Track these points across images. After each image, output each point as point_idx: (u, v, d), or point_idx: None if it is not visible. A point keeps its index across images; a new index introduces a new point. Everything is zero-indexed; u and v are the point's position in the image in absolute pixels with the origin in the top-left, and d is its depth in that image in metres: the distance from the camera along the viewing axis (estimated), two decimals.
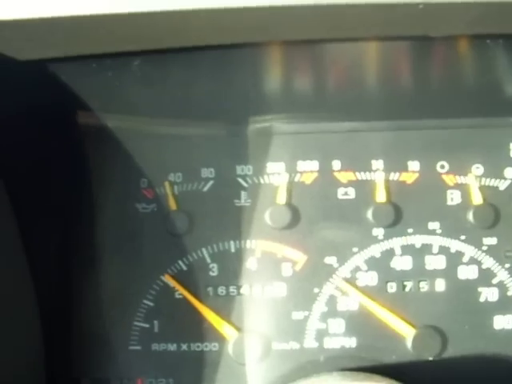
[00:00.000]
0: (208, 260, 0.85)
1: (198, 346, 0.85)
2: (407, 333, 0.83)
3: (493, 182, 0.86)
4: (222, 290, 0.85)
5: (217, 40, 0.62)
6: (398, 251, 0.85)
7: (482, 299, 0.85)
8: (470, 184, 0.86)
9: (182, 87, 0.76)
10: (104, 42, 0.60)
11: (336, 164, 0.86)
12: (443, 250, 0.85)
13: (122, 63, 0.67)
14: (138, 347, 0.85)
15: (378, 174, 0.86)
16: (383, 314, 0.83)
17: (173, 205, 0.85)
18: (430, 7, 0.54)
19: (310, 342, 0.85)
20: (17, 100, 0.69)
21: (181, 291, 0.84)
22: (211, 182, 0.86)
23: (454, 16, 0.58)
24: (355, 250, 0.85)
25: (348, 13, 0.56)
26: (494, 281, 0.85)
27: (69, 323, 0.84)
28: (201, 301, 0.84)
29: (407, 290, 0.85)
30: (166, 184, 0.85)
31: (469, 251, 0.85)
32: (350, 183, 0.86)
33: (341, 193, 0.86)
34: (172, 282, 0.84)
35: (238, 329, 0.84)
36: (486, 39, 0.67)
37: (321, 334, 0.84)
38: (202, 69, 0.72)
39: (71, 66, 0.66)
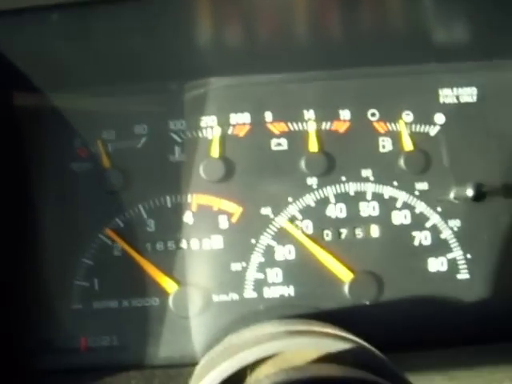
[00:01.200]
0: (145, 216, 0.86)
1: (139, 302, 0.86)
2: (345, 277, 0.85)
3: (423, 128, 0.88)
4: (160, 245, 0.86)
5: None
6: (332, 199, 0.87)
7: (415, 243, 0.87)
8: (400, 131, 0.88)
9: (109, 42, 0.76)
10: None
11: (268, 115, 0.88)
12: (376, 196, 0.87)
13: (44, 18, 0.67)
14: (80, 306, 0.86)
15: (309, 123, 0.88)
16: (320, 261, 0.86)
17: (107, 163, 0.86)
18: None
19: (249, 293, 0.86)
20: None
21: (122, 246, 0.85)
22: (145, 139, 0.87)
23: None
24: (290, 199, 0.87)
25: None
26: (427, 224, 0.87)
27: (10, 285, 0.85)
28: (141, 256, 0.86)
29: (343, 237, 0.87)
30: (99, 142, 0.86)
31: (401, 197, 0.87)
32: (283, 134, 0.88)
33: (274, 144, 0.88)
34: (113, 237, 0.86)
35: (178, 282, 0.86)
36: None
37: (260, 284, 0.86)
38: (128, 22, 0.72)
39: None
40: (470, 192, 0.85)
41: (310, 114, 0.88)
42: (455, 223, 0.88)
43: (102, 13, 0.68)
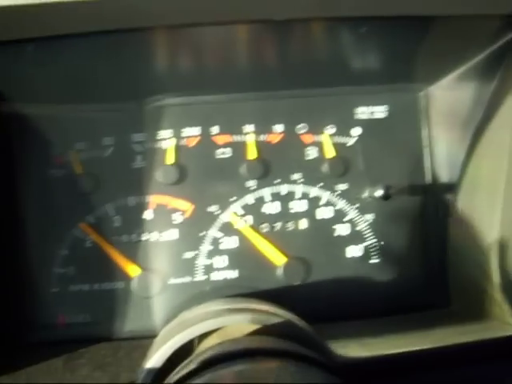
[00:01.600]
0: (112, 213, 0.98)
1: (108, 285, 0.98)
2: (279, 262, 0.99)
3: (343, 139, 1.02)
4: (125, 238, 0.98)
5: (103, 26, 0.73)
6: (267, 198, 1.00)
7: (336, 234, 1.01)
8: (323, 141, 1.02)
9: (78, 70, 0.86)
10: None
11: (215, 129, 1.00)
12: (304, 195, 1.01)
13: (19, 50, 0.76)
14: (58, 289, 0.97)
15: (249, 136, 1.00)
16: (259, 249, 0.99)
17: (79, 169, 0.96)
18: None
19: (199, 277, 0.98)
20: None
21: (94, 238, 0.97)
22: (111, 149, 0.98)
23: (290, 2, 0.71)
24: (233, 199, 1.00)
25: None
26: (346, 219, 1.02)
27: None
28: (109, 246, 0.97)
29: (277, 229, 1.00)
30: (73, 152, 0.97)
31: (325, 196, 1.01)
32: (227, 144, 1.00)
33: (219, 153, 1.00)
34: (86, 230, 0.97)
35: (141, 267, 0.98)
36: (322, 22, 0.81)
37: (208, 269, 0.98)
38: (94, 52, 0.82)
39: None
40: (380, 192, 0.99)
41: (249, 128, 0.99)
42: (369, 217, 1.02)
43: (71, 44, 0.77)
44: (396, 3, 0.73)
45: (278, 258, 0.98)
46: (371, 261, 1.00)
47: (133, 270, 0.96)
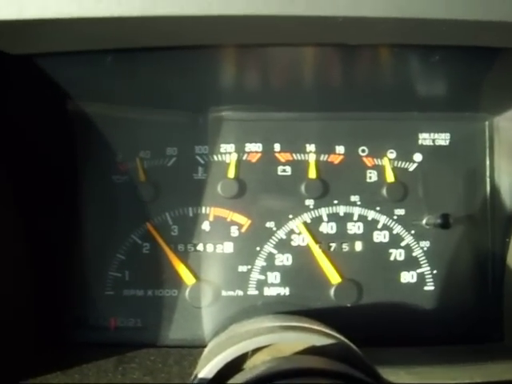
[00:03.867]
0: (170, 222, 0.99)
1: (161, 292, 0.99)
2: (334, 280, 0.99)
3: (403, 164, 1.02)
4: (181, 247, 1.00)
5: (178, 42, 0.75)
6: (325, 218, 1.01)
7: (391, 258, 1.01)
8: (384, 165, 1.01)
9: (152, 81, 0.89)
10: (84, 40, 0.73)
11: (277, 146, 1.01)
12: (362, 218, 1.01)
13: (100, 59, 0.80)
14: (112, 292, 0.99)
15: (310, 155, 1.01)
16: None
17: (142, 177, 0.98)
18: (347, 20, 0.66)
19: (251, 291, 0.99)
20: (18, 96, 0.82)
21: (157, 240, 0.99)
22: (174, 159, 1.00)
23: (366, 28, 0.71)
24: (290, 216, 1.00)
25: (285, 23, 0.68)
26: (402, 244, 1.01)
27: (57, 272, 0.96)
28: (170, 252, 0.99)
29: (332, 249, 1.01)
30: (137, 159, 0.99)
31: (382, 219, 1.01)
32: (288, 162, 1.01)
33: (280, 170, 1.01)
34: (152, 232, 0.99)
35: (196, 277, 0.99)
36: (394, 48, 0.82)
37: (261, 284, 0.99)
38: (167, 66, 0.85)
39: (59, 61, 0.79)
40: (438, 220, 0.98)
41: (311, 147, 1.00)
42: (425, 244, 1.01)
43: (146, 57, 0.81)
44: (471, 34, 0.73)
45: (334, 277, 0.98)
46: (425, 288, 1.00)
47: (188, 279, 0.97)
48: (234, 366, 0.72)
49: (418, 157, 1.01)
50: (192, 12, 0.64)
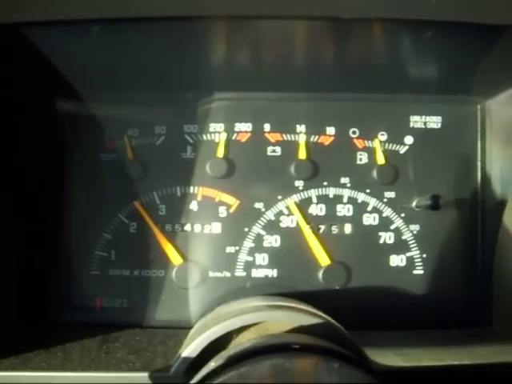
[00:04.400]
0: (158, 201, 0.99)
1: (148, 272, 0.99)
2: (323, 262, 0.99)
3: (394, 147, 1.01)
4: (168, 227, 0.99)
5: (166, 12, 0.73)
6: (314, 200, 1.00)
7: (381, 241, 1.01)
8: (375, 147, 1.01)
9: (140, 56, 0.87)
10: (70, 9, 0.72)
11: (266, 126, 1.00)
12: (351, 200, 1.00)
13: (87, 30, 0.78)
14: (98, 272, 0.99)
15: (300, 135, 1.00)
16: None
17: (130, 155, 0.98)
18: None
19: (239, 272, 0.99)
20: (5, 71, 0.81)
21: (145, 220, 0.98)
22: (163, 138, 1.00)
23: (358, 1, 0.71)
24: (279, 197, 1.00)
25: None
26: (392, 227, 1.01)
27: (42, 253, 0.97)
28: (158, 231, 0.98)
29: (321, 231, 1.00)
30: (125, 137, 0.99)
31: (372, 202, 1.01)
32: (278, 142, 1.00)
33: (269, 150, 1.00)
34: (140, 212, 0.99)
35: (184, 257, 0.98)
36: (385, 23, 0.79)
37: (249, 266, 0.99)
38: (155, 41, 0.83)
39: (46, 31, 0.78)
40: (428, 201, 0.97)
41: (301, 128, 1.00)
42: (415, 227, 1.01)
43: (136, 29, 0.79)
44: (465, 10, 0.72)
45: (324, 259, 0.97)
46: (415, 271, 1.00)
47: (175, 259, 0.97)
48: (220, 345, 0.72)
49: (409, 139, 1.01)
50: None
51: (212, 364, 0.64)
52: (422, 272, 1.00)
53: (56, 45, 0.81)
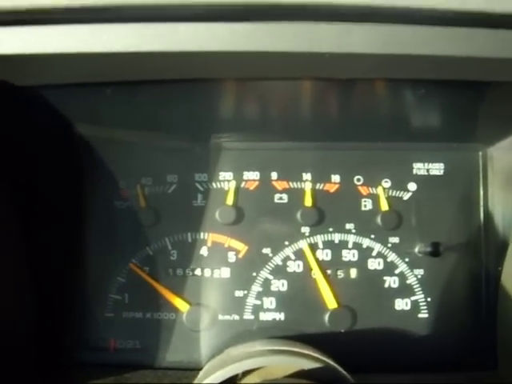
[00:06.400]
0: (169, 247, 1.02)
1: (160, 315, 1.02)
2: (331, 305, 1.01)
3: (398, 193, 1.04)
4: (179, 271, 1.02)
5: (175, 76, 0.78)
6: (320, 245, 1.03)
7: (385, 286, 1.02)
8: (379, 194, 1.03)
9: (151, 112, 0.92)
10: (84, 74, 0.76)
11: (274, 175, 1.03)
12: (356, 245, 1.03)
13: (101, 91, 0.84)
14: (112, 314, 1.01)
15: (306, 183, 1.03)
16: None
17: (143, 202, 1.02)
18: (333, 56, 0.69)
19: (248, 315, 1.01)
20: (24, 125, 0.86)
21: (144, 276, 1.02)
22: (175, 186, 1.03)
23: (352, 63, 0.74)
24: (286, 243, 1.02)
25: (275, 59, 0.71)
26: (396, 271, 1.02)
27: (58, 295, 1.01)
28: (160, 281, 1.03)
29: (327, 276, 1.03)
30: (138, 186, 1.02)
31: (377, 247, 1.03)
32: (284, 190, 1.03)
33: (277, 197, 1.03)
34: (136, 271, 1.03)
35: (190, 303, 1.01)
36: (381, 82, 0.85)
37: (256, 309, 1.00)
38: (166, 98, 0.88)
39: (62, 92, 0.83)
40: (428, 248, 1.00)
41: (307, 176, 1.02)
42: (419, 272, 1.03)
43: (146, 88, 0.84)
44: (457, 69, 0.75)
45: (331, 302, 0.99)
46: (419, 315, 1.00)
47: (182, 305, 0.99)
48: None
49: (412, 186, 1.02)
50: (187, 48, 0.67)
51: None
52: (426, 316, 1.00)
53: (70, 104, 0.87)
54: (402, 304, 1.02)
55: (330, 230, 1.03)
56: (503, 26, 0.67)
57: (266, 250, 1.01)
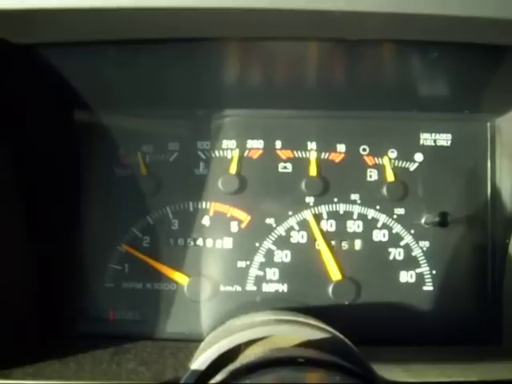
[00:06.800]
0: (171, 216, 1.01)
1: (160, 286, 1.01)
2: (335, 277, 1.00)
3: (404, 164, 1.02)
4: (181, 241, 1.01)
5: (177, 34, 0.76)
6: (325, 216, 1.02)
7: (390, 257, 1.01)
8: (385, 164, 1.02)
9: (153, 75, 0.90)
10: (85, 31, 0.74)
11: (278, 143, 1.02)
12: (361, 216, 1.01)
13: (101, 51, 0.81)
14: (112, 284, 1.00)
15: (311, 152, 1.02)
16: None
17: (144, 170, 1.01)
18: (345, 14, 0.68)
19: (250, 286, 1.00)
20: (21, 89, 0.84)
21: (138, 256, 1.01)
22: (176, 154, 1.02)
23: (364, 22, 0.72)
24: (290, 213, 1.01)
25: (284, 17, 0.69)
26: (401, 243, 1.01)
27: (57, 265, 0.99)
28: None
29: (331, 247, 1.01)
30: (139, 153, 1.01)
31: (382, 218, 1.02)
32: (289, 159, 1.02)
33: (281, 167, 1.02)
34: (130, 251, 1.01)
35: (189, 275, 1.00)
36: (392, 44, 0.82)
37: (259, 280, 1.00)
38: (169, 59, 0.86)
39: (61, 51, 0.81)
40: (436, 218, 0.99)
41: (312, 145, 1.01)
42: (424, 244, 1.01)
43: (149, 49, 0.82)
44: (470, 31, 0.73)
45: (336, 273, 0.99)
46: (424, 288, 1.00)
47: (181, 279, 0.99)
48: (229, 358, 0.73)
49: (418, 157, 1.02)
50: (190, 4, 0.65)
51: (218, 377, 0.64)
52: (431, 288, 1.00)
53: (71, 64, 0.84)
54: (406, 276, 1.01)
55: (335, 200, 1.01)
56: None
57: (270, 220, 1.00)
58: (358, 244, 1.01)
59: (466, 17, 0.67)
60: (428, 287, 1.01)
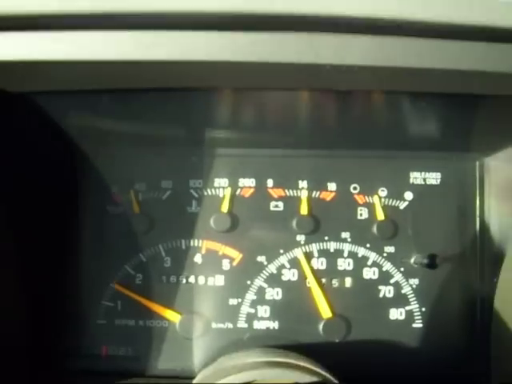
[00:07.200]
0: (163, 254, 1.02)
1: (152, 323, 1.01)
2: (325, 314, 1.01)
3: (394, 203, 1.04)
4: (173, 279, 1.02)
5: (170, 84, 0.77)
6: (315, 254, 1.03)
7: (380, 295, 1.02)
8: (375, 203, 1.03)
9: (146, 119, 0.92)
10: (79, 81, 0.76)
11: (269, 182, 1.03)
12: (352, 254, 1.03)
13: (96, 98, 0.83)
14: (104, 321, 1.01)
15: (302, 191, 1.03)
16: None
17: (136, 209, 1.02)
18: (334, 68, 0.69)
19: (241, 324, 1.01)
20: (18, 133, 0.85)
21: (131, 295, 1.01)
22: (169, 192, 1.02)
23: (353, 75, 0.72)
24: (281, 251, 1.02)
25: (276, 70, 0.70)
26: (391, 281, 1.02)
27: (50, 302, 0.99)
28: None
29: (322, 285, 1.02)
30: (132, 191, 1.02)
31: (372, 256, 1.03)
32: (280, 198, 1.03)
33: (272, 205, 1.03)
34: (121, 290, 1.02)
35: (181, 312, 1.01)
36: (384, 93, 0.85)
37: (250, 317, 1.00)
38: (162, 106, 0.87)
39: (56, 99, 0.82)
40: (425, 260, 1.00)
41: (303, 184, 1.02)
42: (414, 282, 1.02)
43: (140, 95, 0.83)
44: (453, 82, 0.74)
45: (326, 311, 0.99)
46: (414, 325, 1.01)
47: (173, 316, 1.00)
48: None
49: (408, 195, 1.03)
50: (186, 58, 0.66)
51: None
52: (420, 325, 1.01)
53: (64, 110, 0.86)
54: (396, 314, 1.02)
55: (326, 238, 1.02)
56: (500, 40, 0.67)
57: (261, 258, 1.01)
58: (348, 282, 1.02)
59: (453, 70, 0.69)
60: (417, 324, 1.02)
